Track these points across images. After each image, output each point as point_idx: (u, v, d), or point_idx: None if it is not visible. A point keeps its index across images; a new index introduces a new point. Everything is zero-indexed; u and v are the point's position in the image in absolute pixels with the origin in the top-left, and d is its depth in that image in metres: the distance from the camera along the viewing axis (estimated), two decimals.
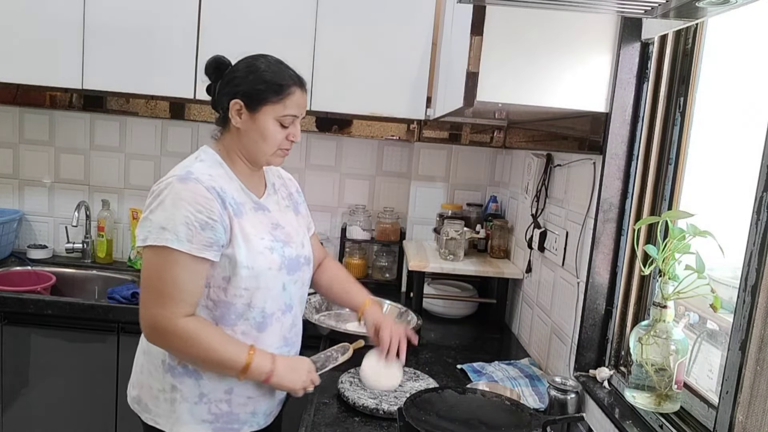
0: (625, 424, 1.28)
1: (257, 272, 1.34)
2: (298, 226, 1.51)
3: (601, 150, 1.49)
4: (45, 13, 2.21)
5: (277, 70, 1.37)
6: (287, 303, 1.43)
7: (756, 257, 0.93)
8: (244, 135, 1.37)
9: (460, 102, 1.46)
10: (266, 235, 1.38)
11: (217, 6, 2.21)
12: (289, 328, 1.45)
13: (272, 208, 1.45)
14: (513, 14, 1.41)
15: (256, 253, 1.34)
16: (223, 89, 1.38)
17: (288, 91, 1.35)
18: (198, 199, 1.26)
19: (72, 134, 2.68)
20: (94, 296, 2.53)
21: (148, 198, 1.31)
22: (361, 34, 2.24)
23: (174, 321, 1.26)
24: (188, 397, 1.36)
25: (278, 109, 1.35)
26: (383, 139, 2.64)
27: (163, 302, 1.26)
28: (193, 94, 2.24)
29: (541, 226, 1.93)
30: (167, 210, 1.26)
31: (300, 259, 1.45)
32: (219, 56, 1.40)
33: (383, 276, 2.66)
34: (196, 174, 1.30)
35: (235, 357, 1.30)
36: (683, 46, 1.35)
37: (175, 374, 1.36)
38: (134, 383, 1.46)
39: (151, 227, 1.26)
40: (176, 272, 1.26)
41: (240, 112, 1.35)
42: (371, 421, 1.41)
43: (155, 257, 1.27)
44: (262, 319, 1.37)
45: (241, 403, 1.40)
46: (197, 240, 1.26)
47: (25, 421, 2.23)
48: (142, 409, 1.43)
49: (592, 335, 1.54)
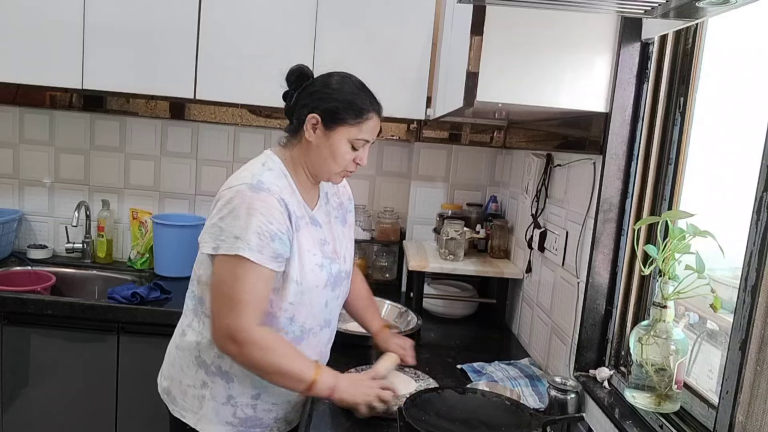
0: (625, 424, 1.28)
1: (305, 288, 1.36)
2: (344, 239, 1.53)
3: (601, 150, 1.49)
4: (45, 13, 2.21)
5: (360, 93, 1.38)
6: (326, 319, 1.45)
7: (756, 257, 0.93)
8: (315, 150, 1.38)
9: (460, 102, 1.46)
10: (318, 252, 1.40)
11: (217, 6, 2.21)
12: (326, 342, 1.49)
13: (322, 222, 1.46)
14: (513, 14, 1.41)
15: (307, 270, 1.36)
16: (302, 100, 1.38)
17: (366, 116, 1.38)
18: (271, 210, 1.28)
19: (72, 134, 2.68)
20: (94, 296, 2.53)
21: (216, 202, 1.32)
22: (361, 33, 2.24)
23: (253, 330, 1.27)
24: (217, 396, 1.39)
25: (353, 132, 1.37)
26: (383, 139, 2.64)
27: (240, 311, 1.26)
28: (193, 94, 2.24)
29: (541, 226, 1.93)
30: (240, 219, 1.26)
31: (342, 275, 1.48)
32: (303, 66, 1.41)
33: (383, 276, 2.66)
34: (267, 184, 1.30)
35: (305, 371, 1.31)
36: (683, 46, 1.35)
37: (208, 372, 1.38)
38: (165, 375, 1.49)
39: (223, 235, 1.27)
40: (250, 281, 1.26)
41: (315, 126, 1.36)
42: (371, 421, 1.40)
43: (228, 266, 1.27)
44: (300, 334, 1.39)
45: (266, 408, 1.42)
46: (267, 251, 1.27)
47: (25, 421, 2.23)
48: (170, 400, 1.45)
49: (592, 335, 1.54)
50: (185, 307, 1.47)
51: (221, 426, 1.40)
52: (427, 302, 2.26)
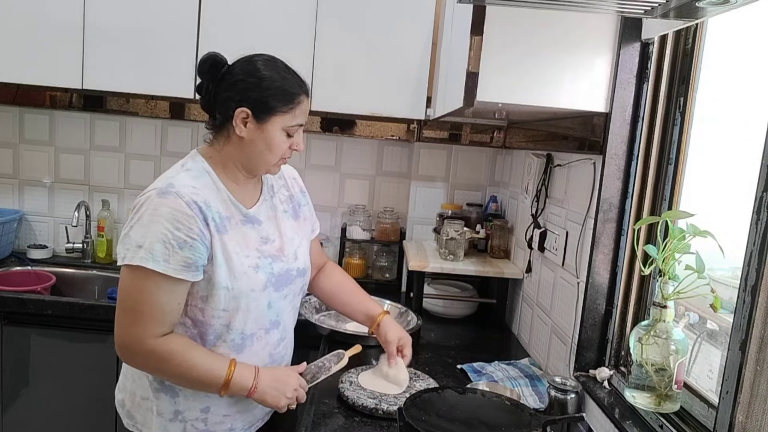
0: (625, 424, 1.28)
1: (237, 293, 1.27)
2: (294, 235, 1.44)
3: (601, 150, 1.49)
4: (45, 13, 2.21)
5: (286, 76, 1.29)
6: (273, 320, 1.37)
7: (756, 257, 0.93)
8: (248, 144, 1.28)
9: (460, 102, 1.46)
10: (252, 252, 1.30)
11: (217, 6, 2.21)
12: (276, 344, 1.40)
13: (263, 219, 1.37)
14: (513, 14, 1.41)
15: (238, 274, 1.26)
16: (224, 92, 1.28)
17: (298, 100, 1.29)
18: (177, 215, 1.18)
19: (72, 134, 2.68)
20: (94, 296, 2.53)
21: (130, 212, 1.24)
22: (361, 34, 2.24)
23: (147, 341, 1.21)
24: (163, 413, 1.32)
25: (287, 119, 1.28)
26: (383, 139, 2.64)
27: (137, 322, 1.20)
28: (193, 94, 2.24)
29: (541, 226, 1.93)
30: (144, 227, 1.18)
31: (291, 273, 1.39)
32: (215, 53, 1.29)
33: (383, 276, 2.66)
34: (177, 187, 1.21)
35: (215, 372, 1.24)
36: (683, 46, 1.35)
37: (152, 387, 1.33)
38: (120, 387, 1.43)
39: (129, 244, 1.19)
40: (152, 293, 1.19)
41: (246, 120, 1.26)
42: (371, 421, 1.40)
43: (131, 276, 1.20)
44: (241, 341, 1.32)
45: (217, 421, 1.35)
46: (174, 260, 1.18)
47: (25, 421, 2.23)
48: (125, 414, 1.39)
49: (592, 335, 1.54)
50: None
51: None
52: (427, 302, 2.26)
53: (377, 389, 1.50)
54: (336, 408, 1.46)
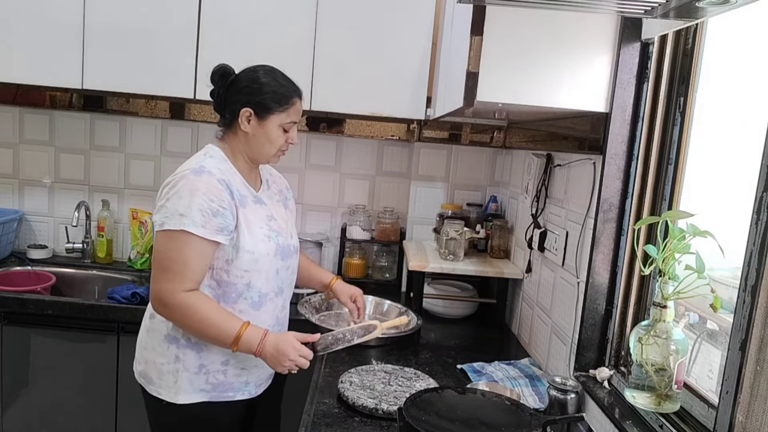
0: (625, 424, 1.28)
1: (257, 256, 1.51)
2: (287, 220, 1.69)
3: (601, 150, 1.49)
4: (45, 13, 2.21)
5: (282, 83, 1.55)
6: (279, 286, 1.60)
7: (756, 257, 0.93)
8: (252, 138, 1.55)
9: (460, 102, 1.46)
10: (264, 225, 1.55)
11: (217, 6, 2.21)
12: (281, 309, 1.63)
13: (267, 202, 1.62)
14: (513, 14, 1.41)
15: (257, 240, 1.51)
16: (232, 96, 1.54)
17: (291, 102, 1.55)
18: (212, 189, 1.43)
19: (72, 134, 2.68)
20: (94, 296, 2.53)
21: (162, 189, 1.47)
22: (361, 34, 2.24)
23: (177, 294, 1.41)
24: (189, 367, 1.50)
25: (282, 117, 1.54)
26: (383, 139, 2.64)
27: (170, 278, 1.42)
28: (193, 94, 2.25)
29: (541, 226, 1.93)
30: (184, 198, 1.41)
31: (290, 248, 1.62)
32: (224, 65, 1.55)
33: (383, 276, 2.66)
34: (208, 168, 1.46)
35: (229, 328, 1.43)
36: (683, 46, 1.35)
37: (179, 346, 1.50)
38: (139, 359, 1.59)
39: (168, 213, 1.41)
40: (187, 253, 1.41)
41: (249, 118, 1.52)
42: (371, 421, 1.40)
43: (170, 240, 1.42)
44: (258, 299, 1.54)
45: (235, 373, 1.55)
46: (210, 225, 1.42)
47: (25, 421, 2.23)
48: (147, 381, 1.55)
49: (592, 335, 1.54)
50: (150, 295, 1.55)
51: (196, 394, 1.51)
52: (427, 302, 2.26)
53: None
54: (336, 408, 1.46)
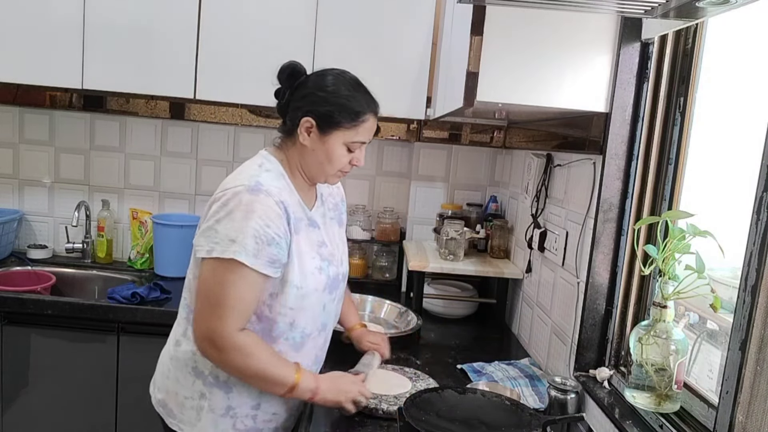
0: (625, 424, 1.28)
1: (305, 292, 1.32)
2: (339, 241, 1.50)
3: (601, 150, 1.49)
4: (45, 13, 2.21)
5: (356, 94, 1.33)
6: (324, 323, 1.41)
7: (756, 257, 0.93)
8: (310, 153, 1.34)
9: (460, 102, 1.46)
10: (315, 255, 1.35)
11: (217, 6, 2.21)
12: (321, 346, 1.45)
13: (320, 223, 1.42)
14: (513, 14, 1.41)
15: (306, 273, 1.32)
16: (295, 101, 1.34)
17: (363, 118, 1.33)
18: (269, 213, 1.23)
19: (72, 134, 2.68)
20: (94, 296, 2.53)
21: (212, 205, 1.27)
22: (361, 34, 2.24)
23: (233, 335, 1.23)
24: (215, 408, 1.34)
25: (349, 135, 1.33)
26: (383, 139, 2.64)
27: (222, 315, 1.22)
28: (193, 94, 2.24)
29: (541, 226, 1.93)
30: (236, 221, 1.21)
31: (339, 277, 1.44)
32: (295, 63, 1.36)
33: (383, 276, 2.66)
34: (265, 186, 1.26)
35: (286, 375, 1.28)
36: (683, 46, 1.35)
37: (206, 383, 1.34)
38: (159, 386, 1.43)
39: (218, 238, 1.22)
40: (239, 285, 1.22)
41: (310, 130, 1.32)
42: (371, 421, 1.40)
43: (220, 269, 1.22)
44: (300, 340, 1.36)
45: (266, 419, 1.38)
46: (262, 255, 1.22)
47: (25, 421, 2.23)
48: (167, 413, 1.40)
49: (592, 335, 1.54)
50: (178, 316, 1.42)
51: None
52: (427, 302, 2.26)
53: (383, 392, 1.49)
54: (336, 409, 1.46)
